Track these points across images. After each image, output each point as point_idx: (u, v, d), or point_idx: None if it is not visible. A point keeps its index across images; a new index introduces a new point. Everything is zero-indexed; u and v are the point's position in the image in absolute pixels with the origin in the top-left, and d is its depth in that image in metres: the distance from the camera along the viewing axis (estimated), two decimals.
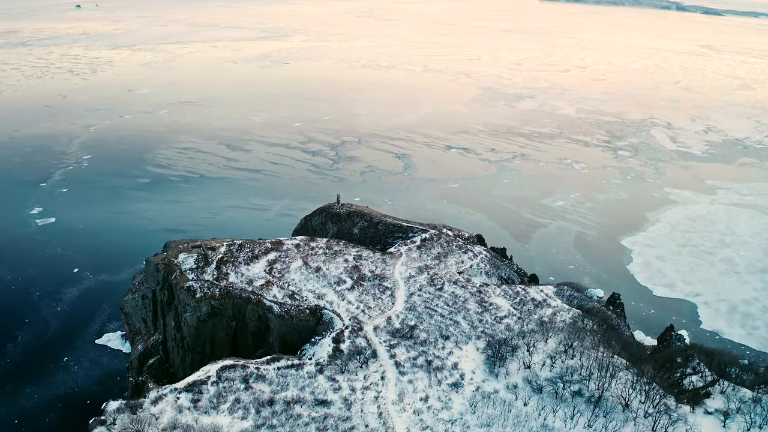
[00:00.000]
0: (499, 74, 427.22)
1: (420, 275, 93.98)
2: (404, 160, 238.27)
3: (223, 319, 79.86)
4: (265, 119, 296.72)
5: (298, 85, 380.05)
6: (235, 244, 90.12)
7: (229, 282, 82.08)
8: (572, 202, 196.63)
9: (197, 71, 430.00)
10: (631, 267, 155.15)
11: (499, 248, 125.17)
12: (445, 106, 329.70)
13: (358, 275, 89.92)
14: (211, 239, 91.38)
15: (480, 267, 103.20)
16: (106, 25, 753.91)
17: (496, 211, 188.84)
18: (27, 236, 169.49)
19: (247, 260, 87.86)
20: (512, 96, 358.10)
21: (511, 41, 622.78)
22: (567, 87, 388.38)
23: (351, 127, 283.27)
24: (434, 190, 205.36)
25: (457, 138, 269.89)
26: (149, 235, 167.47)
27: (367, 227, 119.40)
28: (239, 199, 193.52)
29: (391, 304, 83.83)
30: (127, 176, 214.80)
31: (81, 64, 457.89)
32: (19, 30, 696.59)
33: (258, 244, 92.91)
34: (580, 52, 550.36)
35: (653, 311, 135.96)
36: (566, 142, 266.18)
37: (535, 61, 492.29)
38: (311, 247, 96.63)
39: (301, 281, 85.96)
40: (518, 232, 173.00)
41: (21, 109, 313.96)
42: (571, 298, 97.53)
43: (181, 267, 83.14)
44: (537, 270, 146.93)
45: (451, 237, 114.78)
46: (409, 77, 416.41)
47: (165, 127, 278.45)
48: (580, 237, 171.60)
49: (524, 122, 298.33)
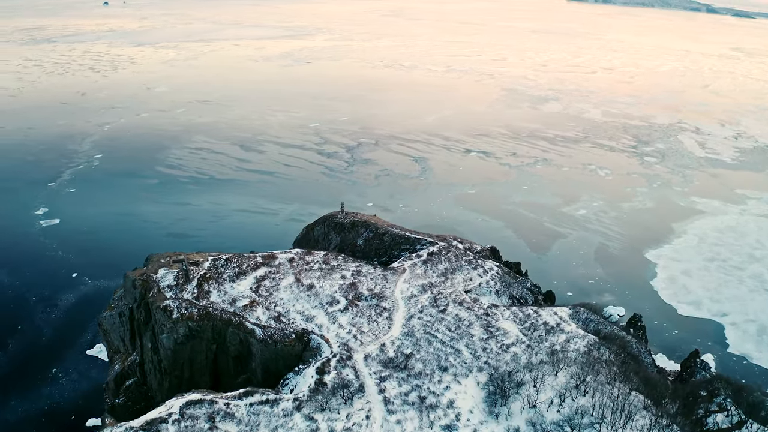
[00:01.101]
0: (524, 75, 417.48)
1: (423, 294, 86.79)
2: (421, 163, 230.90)
3: (202, 342, 73.46)
4: (281, 119, 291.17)
5: (317, 85, 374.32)
6: (221, 259, 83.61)
7: (210, 301, 75.58)
8: (595, 211, 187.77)
9: (218, 69, 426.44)
10: (655, 282, 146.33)
11: (513, 263, 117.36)
12: (467, 108, 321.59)
13: (353, 294, 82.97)
14: (195, 253, 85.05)
15: (490, 285, 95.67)
16: (132, 22, 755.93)
17: (514, 219, 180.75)
18: (29, 237, 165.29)
19: (233, 277, 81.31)
20: (536, 98, 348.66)
21: (537, 42, 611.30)
22: (593, 89, 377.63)
23: (368, 129, 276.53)
24: (450, 196, 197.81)
25: (478, 141, 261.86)
26: (152, 239, 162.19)
27: (372, 238, 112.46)
28: (247, 203, 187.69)
29: (387, 329, 76.78)
30: (137, 176, 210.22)
31: (102, 62, 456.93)
32: (45, 26, 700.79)
33: (247, 259, 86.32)
34: (607, 54, 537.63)
35: (677, 332, 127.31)
36: (591, 147, 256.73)
37: (561, 62, 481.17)
38: (306, 262, 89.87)
39: (290, 301, 79.18)
40: (536, 243, 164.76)
41: (39, 106, 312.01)
42: (587, 322, 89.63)
43: (159, 284, 76.84)
44: (554, 285, 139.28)
45: (461, 251, 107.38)
46: (431, 77, 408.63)
47: (180, 126, 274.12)
48: (601, 249, 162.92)
49: (548, 125, 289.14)
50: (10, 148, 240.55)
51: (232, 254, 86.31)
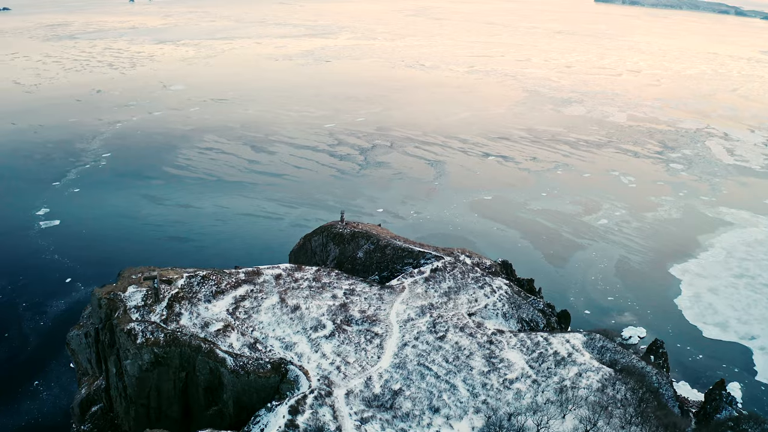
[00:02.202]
0: (548, 77, 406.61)
1: (421, 318, 78.88)
2: (437, 167, 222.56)
3: (169, 370, 66.34)
4: (295, 119, 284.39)
5: (336, 85, 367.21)
6: (197, 276, 76.24)
7: (179, 325, 68.31)
8: (617, 221, 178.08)
9: (236, 68, 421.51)
10: (679, 301, 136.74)
11: (526, 280, 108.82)
12: (487, 110, 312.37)
13: (343, 317, 75.26)
14: (170, 269, 77.78)
15: (497, 307, 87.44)
16: (156, 20, 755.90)
17: (531, 228, 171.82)
18: (27, 239, 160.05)
19: (209, 296, 73.95)
20: (559, 100, 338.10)
21: (562, 42, 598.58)
22: (618, 92, 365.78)
23: (384, 130, 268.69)
24: (465, 202, 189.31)
25: (497, 144, 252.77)
26: (150, 243, 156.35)
27: (373, 251, 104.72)
28: (253, 206, 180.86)
29: (377, 359, 68.98)
30: (143, 177, 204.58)
31: (122, 59, 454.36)
32: (69, 23, 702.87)
33: (228, 276, 78.87)
34: (634, 56, 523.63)
35: (701, 357, 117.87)
36: (614, 152, 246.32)
37: (587, 64, 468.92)
38: (294, 279, 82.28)
39: (271, 325, 71.65)
40: (554, 255, 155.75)
41: (53, 103, 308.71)
42: (602, 351, 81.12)
43: (126, 304, 69.73)
44: (571, 302, 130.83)
45: (468, 267, 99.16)
46: (452, 78, 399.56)
47: (192, 125, 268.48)
48: (623, 262, 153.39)
49: (570, 129, 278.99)
50: (18, 146, 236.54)
51: (211, 270, 78.97)
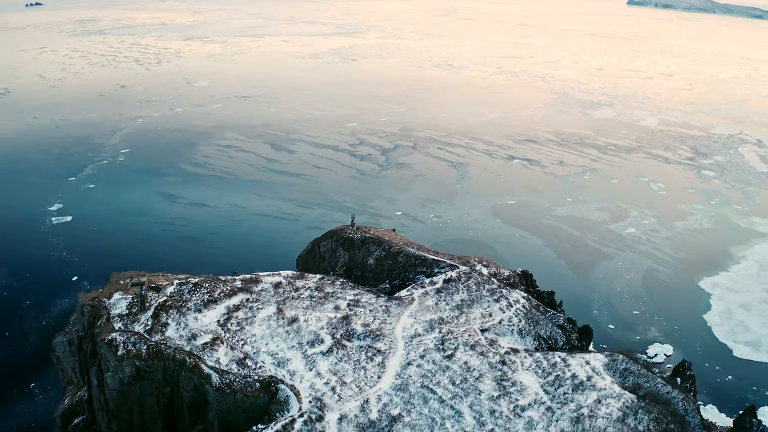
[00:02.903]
0: (578, 79, 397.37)
1: (429, 334, 73.15)
2: (460, 169, 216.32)
3: (152, 385, 61.51)
4: (318, 117, 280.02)
5: (361, 83, 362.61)
6: (188, 283, 71.26)
7: (164, 336, 63.37)
8: (645, 230, 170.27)
9: (262, 65, 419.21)
10: (708, 317, 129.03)
11: (546, 292, 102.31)
12: (514, 111, 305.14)
13: (344, 331, 69.80)
14: (160, 275, 73.02)
15: (512, 323, 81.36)
16: (185, 16, 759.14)
17: (555, 235, 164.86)
18: (37, 235, 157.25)
19: (200, 306, 68.94)
20: (589, 103, 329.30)
21: (593, 45, 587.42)
22: (650, 95, 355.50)
23: (408, 130, 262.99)
24: (488, 207, 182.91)
25: (523, 147, 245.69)
26: (161, 242, 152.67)
27: (384, 258, 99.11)
28: (269, 207, 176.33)
29: (377, 379, 63.38)
30: (160, 174, 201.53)
31: (148, 54, 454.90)
32: (99, 18, 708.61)
33: (223, 283, 73.77)
34: (666, 59, 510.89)
35: (731, 378, 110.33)
36: (644, 158, 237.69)
37: (617, 67, 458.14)
38: (295, 288, 77.02)
39: (264, 338, 66.40)
40: (578, 264, 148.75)
41: (76, 97, 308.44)
42: (625, 375, 74.62)
43: (110, 311, 65.03)
44: (594, 315, 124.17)
45: (484, 277, 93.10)
46: (479, 79, 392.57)
47: (213, 122, 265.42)
48: (650, 274, 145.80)
49: (599, 132, 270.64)
50: (38, 140, 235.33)
51: (205, 277, 73.97)
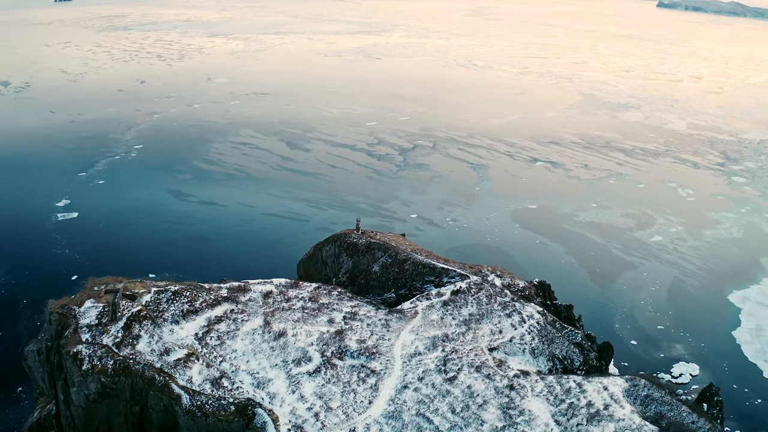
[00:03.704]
0: (605, 80, 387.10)
1: (430, 352, 66.48)
2: (480, 171, 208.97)
3: (119, 403, 55.79)
4: (337, 116, 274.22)
5: (383, 82, 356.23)
6: (168, 291, 65.29)
7: (134, 350, 57.47)
8: (672, 238, 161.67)
9: (284, 63, 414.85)
10: (737, 333, 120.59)
11: (564, 305, 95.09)
12: (539, 113, 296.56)
13: (335, 348, 63.36)
14: (138, 281, 67.18)
15: (524, 341, 74.34)
16: (211, 13, 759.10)
17: (577, 242, 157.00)
18: (41, 231, 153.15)
19: (178, 317, 62.95)
20: (616, 105, 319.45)
21: (621, 46, 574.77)
22: (678, 98, 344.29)
23: (428, 130, 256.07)
24: (507, 211, 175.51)
25: (546, 149, 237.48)
26: (165, 242, 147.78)
27: (390, 265, 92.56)
28: (279, 206, 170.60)
29: (367, 404, 56.88)
30: (171, 171, 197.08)
31: (171, 50, 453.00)
32: (126, 14, 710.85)
33: (206, 292, 67.70)
34: (695, 62, 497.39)
35: (760, 401, 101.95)
36: (672, 162, 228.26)
37: (646, 69, 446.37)
38: (287, 298, 70.77)
39: (245, 355, 60.18)
40: (600, 274, 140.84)
41: (94, 92, 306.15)
42: (647, 402, 67.27)
43: (79, 321, 59.39)
44: (616, 329, 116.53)
45: (497, 289, 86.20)
46: (504, 79, 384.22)
47: (229, 119, 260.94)
48: (676, 286, 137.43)
49: (626, 135, 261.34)
50: (52, 134, 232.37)
51: (186, 285, 67.96)
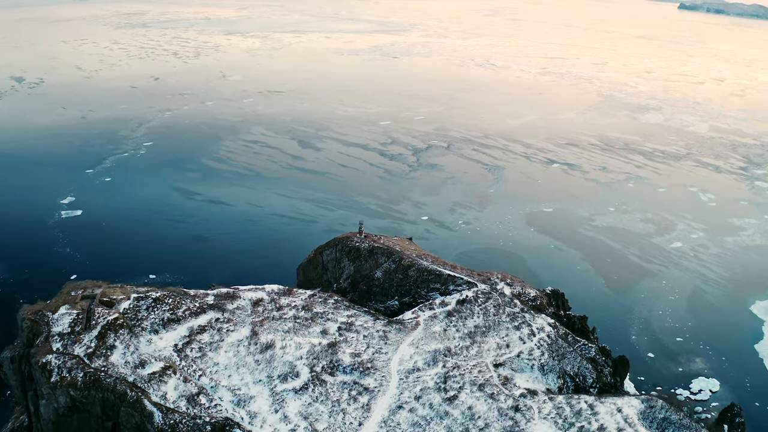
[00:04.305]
0: (625, 81, 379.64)
1: (430, 368, 61.77)
2: (495, 172, 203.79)
3: (90, 418, 51.81)
4: (351, 115, 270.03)
5: (399, 81, 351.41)
6: (148, 298, 61.09)
7: (107, 362, 53.37)
8: (693, 245, 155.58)
9: (300, 61, 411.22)
10: (760, 347, 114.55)
11: (578, 317, 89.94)
12: (557, 114, 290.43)
13: (327, 363, 58.85)
14: (118, 287, 63.03)
15: (533, 356, 69.37)
16: (231, 12, 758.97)
17: (594, 247, 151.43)
18: (43, 229, 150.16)
19: (158, 325, 58.74)
20: (636, 106, 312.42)
21: (642, 47, 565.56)
22: (700, 101, 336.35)
23: (443, 130, 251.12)
24: (522, 214, 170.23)
25: (564, 151, 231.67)
26: (168, 241, 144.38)
27: (393, 271, 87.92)
28: (287, 206, 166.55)
29: (357, 426, 52.31)
30: (180, 168, 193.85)
31: (188, 48, 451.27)
32: (145, 12, 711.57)
33: (191, 299, 63.39)
34: (717, 64, 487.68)
35: None
36: (693, 166, 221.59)
37: (667, 70, 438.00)
38: (278, 306, 66.34)
39: (227, 369, 55.81)
40: (617, 281, 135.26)
41: (108, 89, 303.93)
42: (664, 426, 62.04)
43: (51, 329, 55.32)
44: (632, 341, 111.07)
45: (506, 298, 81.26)
46: (523, 79, 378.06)
47: (241, 117, 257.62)
48: (697, 295, 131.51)
49: (646, 137, 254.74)
50: (62, 131, 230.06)
51: (169, 291, 63.71)
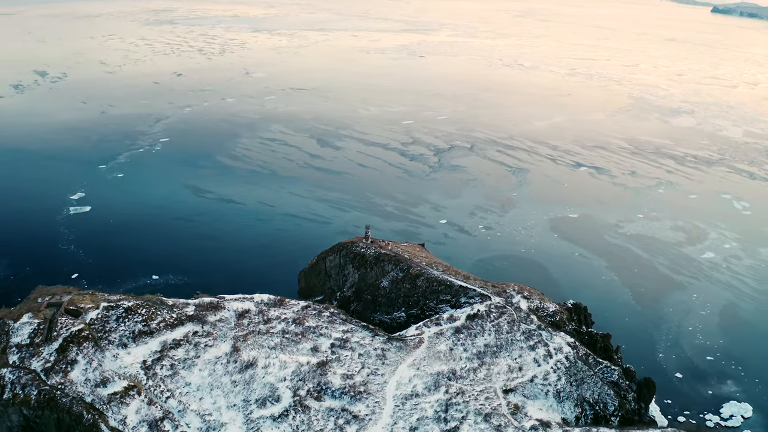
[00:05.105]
0: (656, 84, 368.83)
1: (431, 394, 55.35)
2: (519, 175, 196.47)
3: None
4: (373, 114, 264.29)
5: (424, 80, 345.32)
6: (119, 307, 55.47)
7: (66, 379, 47.83)
8: (726, 256, 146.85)
9: (325, 59, 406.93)
10: None
11: (601, 334, 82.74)
12: (585, 115, 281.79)
13: (313, 385, 52.70)
14: (88, 294, 57.56)
15: (548, 381, 62.59)
16: (258, 9, 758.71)
17: (621, 257, 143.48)
18: (50, 225, 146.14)
19: (128, 338, 53.07)
20: (667, 110, 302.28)
21: (674, 50, 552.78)
22: (734, 104, 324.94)
23: (467, 131, 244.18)
24: (545, 219, 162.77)
25: (591, 154, 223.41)
26: (173, 242, 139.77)
27: (401, 280, 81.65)
28: (300, 206, 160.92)
29: None
30: (194, 165, 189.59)
31: (213, 45, 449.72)
32: (174, 9, 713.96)
33: (168, 309, 57.57)
34: (751, 68, 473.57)
35: None
36: (727, 172, 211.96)
37: (699, 73, 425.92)
38: (266, 319, 60.33)
39: (200, 390, 49.88)
40: (644, 294, 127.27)
41: (130, 84, 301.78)
42: None
43: (10, 338, 49.94)
44: (659, 359, 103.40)
45: (521, 314, 74.51)
46: (551, 80, 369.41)
47: (261, 114, 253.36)
48: (729, 310, 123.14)
49: (677, 141, 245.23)
50: (80, 125, 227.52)
51: (144, 300, 57.95)
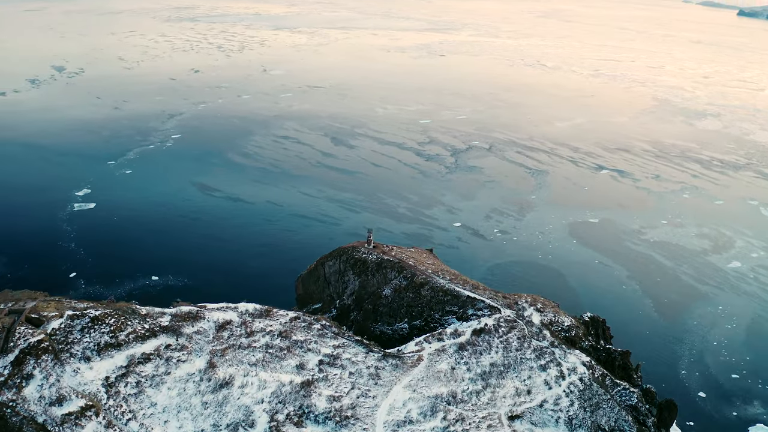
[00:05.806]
0: (681, 86, 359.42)
1: (426, 421, 50.01)
2: (538, 177, 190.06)
3: None
4: (390, 112, 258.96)
5: (444, 79, 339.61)
6: (85, 317, 50.63)
7: (19, 395, 43.04)
8: (753, 265, 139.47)
9: (344, 57, 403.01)
10: None
11: (620, 352, 76.45)
12: (608, 117, 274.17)
13: (294, 409, 47.47)
14: (54, 300, 52.68)
15: (559, 407, 56.86)
16: (281, 7, 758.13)
17: (643, 264, 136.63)
18: (53, 222, 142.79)
19: (92, 351, 48.23)
20: (692, 112, 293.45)
21: (700, 52, 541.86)
22: (761, 108, 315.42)
23: (485, 131, 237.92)
24: (564, 224, 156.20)
25: (614, 157, 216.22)
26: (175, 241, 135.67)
27: (404, 288, 76.27)
28: (310, 207, 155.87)
29: None
30: (204, 162, 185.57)
31: (233, 42, 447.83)
32: (196, 6, 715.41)
33: (139, 319, 52.56)
34: None
35: None
36: (754, 177, 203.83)
37: (725, 76, 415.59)
38: (249, 332, 55.20)
39: (165, 412, 44.89)
40: (667, 305, 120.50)
41: (147, 80, 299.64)
42: None
43: None
44: (682, 377, 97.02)
45: (533, 329, 68.81)
46: (574, 80, 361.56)
47: (276, 112, 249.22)
48: (757, 324, 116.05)
49: (703, 145, 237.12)
50: (92, 120, 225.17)
51: (116, 307, 52.99)
